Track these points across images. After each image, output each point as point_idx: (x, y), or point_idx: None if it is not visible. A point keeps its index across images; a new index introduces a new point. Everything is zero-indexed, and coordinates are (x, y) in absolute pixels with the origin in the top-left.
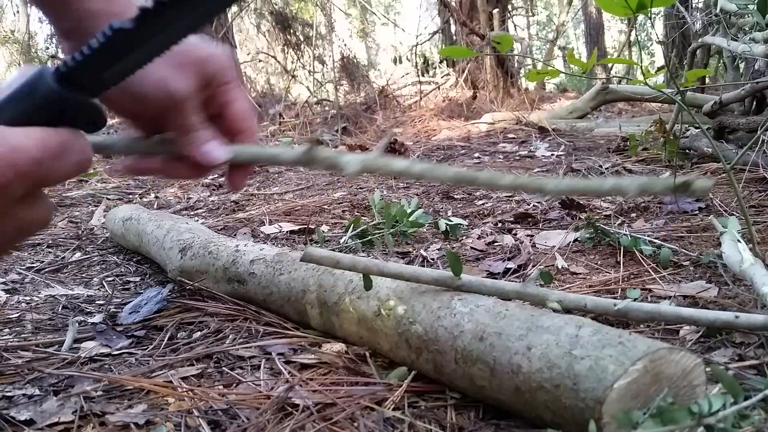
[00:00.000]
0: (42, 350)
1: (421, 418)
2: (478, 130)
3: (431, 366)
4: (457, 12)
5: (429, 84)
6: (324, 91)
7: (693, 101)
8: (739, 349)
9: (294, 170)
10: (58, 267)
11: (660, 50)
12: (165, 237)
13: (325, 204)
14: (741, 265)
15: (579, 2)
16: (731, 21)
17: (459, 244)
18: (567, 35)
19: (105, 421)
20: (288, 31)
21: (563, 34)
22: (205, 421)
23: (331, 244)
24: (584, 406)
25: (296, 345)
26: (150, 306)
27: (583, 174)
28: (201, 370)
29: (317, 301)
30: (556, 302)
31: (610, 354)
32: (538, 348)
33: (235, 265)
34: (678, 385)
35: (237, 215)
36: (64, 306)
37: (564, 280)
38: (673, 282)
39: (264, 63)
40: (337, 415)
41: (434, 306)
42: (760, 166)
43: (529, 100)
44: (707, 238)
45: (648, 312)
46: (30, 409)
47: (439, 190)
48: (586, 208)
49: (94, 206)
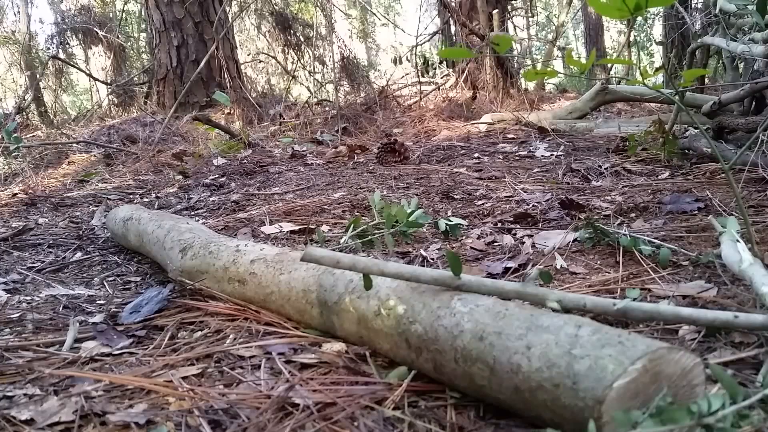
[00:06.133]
0: (43, 350)
1: (421, 418)
2: (478, 131)
3: (431, 365)
4: (456, 13)
5: (429, 84)
6: (324, 92)
7: (692, 101)
8: (739, 349)
9: (294, 170)
10: (58, 267)
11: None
12: (166, 237)
13: (326, 204)
14: (740, 264)
15: (578, 3)
16: (730, 21)
17: (459, 244)
18: (566, 36)
19: (106, 421)
20: (288, 32)
21: (563, 34)
22: (206, 420)
23: (331, 244)
24: (584, 406)
25: (296, 345)
26: (151, 306)
27: (582, 174)
28: (201, 370)
29: (317, 301)
30: (555, 302)
31: (609, 353)
32: (537, 347)
33: (236, 264)
34: (677, 385)
35: (237, 215)
36: (64, 306)
37: (563, 279)
38: (672, 282)
39: (264, 63)
40: (337, 415)
41: (434, 305)
42: (759, 166)
43: (529, 101)
44: (706, 238)
45: (647, 312)
46: (31, 409)
47: (439, 190)
48: (586, 208)
49: (95, 206)
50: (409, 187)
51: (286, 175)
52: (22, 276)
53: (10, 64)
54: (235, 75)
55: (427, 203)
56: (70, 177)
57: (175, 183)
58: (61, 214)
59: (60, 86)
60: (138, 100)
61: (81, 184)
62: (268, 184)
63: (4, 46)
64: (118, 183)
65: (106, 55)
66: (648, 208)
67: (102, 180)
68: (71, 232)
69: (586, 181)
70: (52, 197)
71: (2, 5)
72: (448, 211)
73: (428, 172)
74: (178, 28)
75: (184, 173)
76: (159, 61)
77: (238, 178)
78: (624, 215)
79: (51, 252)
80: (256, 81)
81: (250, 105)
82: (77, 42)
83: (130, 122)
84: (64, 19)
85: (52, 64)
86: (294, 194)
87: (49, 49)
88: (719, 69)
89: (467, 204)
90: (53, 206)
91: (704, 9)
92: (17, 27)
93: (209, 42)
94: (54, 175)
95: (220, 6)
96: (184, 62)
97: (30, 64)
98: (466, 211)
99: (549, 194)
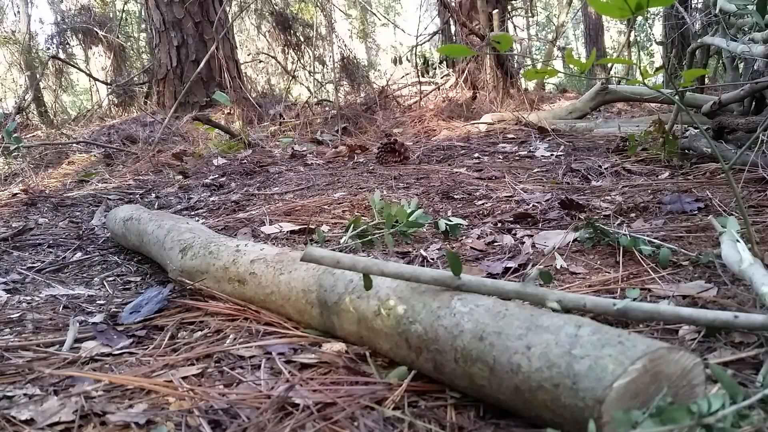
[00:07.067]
0: (43, 350)
1: (421, 418)
2: (478, 131)
3: (431, 365)
4: (456, 13)
5: (429, 84)
6: (324, 92)
7: (692, 101)
8: (739, 349)
9: (294, 170)
10: (58, 267)
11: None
12: (166, 237)
13: (325, 204)
14: (740, 264)
15: (578, 3)
16: (730, 21)
17: (459, 244)
18: (566, 36)
19: (106, 421)
20: (288, 32)
21: (563, 34)
22: (206, 420)
23: (331, 244)
24: (584, 406)
25: (296, 345)
26: (151, 306)
27: (582, 174)
28: (201, 370)
29: (317, 301)
30: (555, 302)
31: (609, 353)
32: (537, 347)
33: (236, 264)
34: (677, 385)
35: (237, 215)
36: (64, 306)
37: (563, 279)
38: (672, 282)
39: (264, 63)
40: (337, 415)
41: (434, 305)
42: (759, 166)
43: (529, 101)
44: (706, 238)
45: (647, 312)
46: (31, 409)
47: (439, 190)
48: (586, 208)
49: (95, 206)
50: (409, 187)
51: (286, 175)
52: (22, 276)
53: (10, 64)
54: (235, 75)
55: (427, 203)
56: (70, 177)
57: (175, 183)
58: (61, 214)
59: (60, 86)
60: (138, 100)
61: (81, 184)
62: (268, 184)
63: (4, 46)
64: (118, 183)
65: (106, 55)
66: (648, 208)
67: (102, 180)
68: (71, 232)
69: (586, 181)
70: (52, 197)
71: (2, 5)
72: (448, 211)
73: (428, 172)
74: (178, 28)
75: (184, 173)
76: (159, 61)
77: (238, 178)
78: (624, 215)
79: (51, 252)
80: (256, 81)
81: (250, 105)
82: (77, 42)
83: (130, 122)
84: (64, 19)
85: (52, 64)
86: (294, 194)
87: (49, 49)
88: (719, 69)
89: (467, 204)
90: (53, 206)
91: (704, 9)
92: (17, 27)
93: (209, 42)
94: (54, 175)
95: (220, 6)
96: (184, 62)
97: (30, 64)
98: (466, 211)
99: (549, 194)
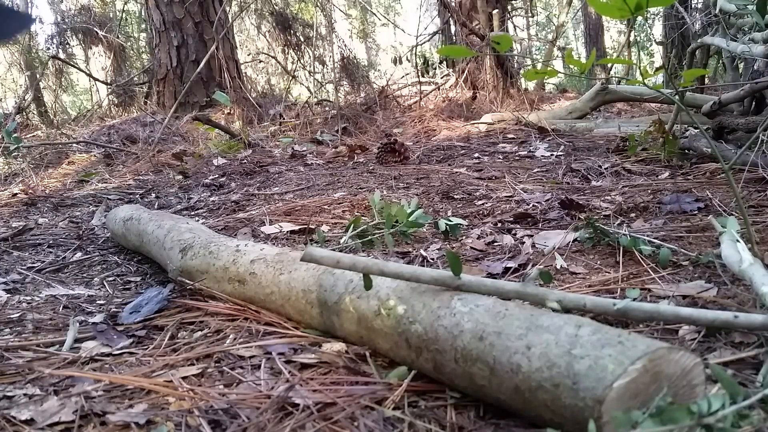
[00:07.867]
0: (43, 350)
1: (421, 418)
2: (478, 131)
3: (431, 365)
4: (456, 13)
5: (429, 84)
6: (324, 92)
7: (692, 101)
8: (739, 349)
9: (294, 170)
10: (58, 267)
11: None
12: (166, 237)
13: (325, 204)
14: (740, 264)
15: (578, 3)
16: (730, 21)
17: (459, 244)
18: (566, 36)
19: (105, 421)
20: (288, 32)
21: (563, 34)
22: (206, 420)
23: (331, 244)
24: (584, 406)
25: (296, 345)
26: (151, 306)
27: (582, 174)
28: (201, 370)
29: (317, 301)
30: (555, 302)
31: (609, 353)
32: (537, 347)
33: (236, 264)
34: (677, 385)
35: (237, 215)
36: (64, 306)
37: (563, 279)
38: (672, 282)
39: (264, 63)
40: (337, 415)
41: (434, 305)
42: (759, 166)
43: (529, 101)
44: (706, 238)
45: (647, 312)
46: (31, 409)
47: (439, 190)
48: (586, 208)
49: (95, 206)
50: (409, 187)
51: (286, 175)
52: (22, 276)
53: (10, 64)
54: (235, 75)
55: (427, 203)
56: (70, 177)
57: (175, 183)
58: (61, 214)
59: (60, 86)
60: (138, 100)
61: (81, 184)
62: (268, 184)
63: (4, 46)
64: (118, 183)
65: (106, 55)
66: (648, 208)
67: (102, 180)
68: (71, 232)
69: (586, 181)
70: (52, 197)
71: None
72: (448, 211)
73: (428, 172)
74: (178, 28)
75: (184, 173)
76: (159, 61)
77: (238, 178)
78: (624, 215)
79: (51, 252)
80: (256, 81)
81: (250, 105)
82: (77, 42)
83: (130, 122)
84: (64, 19)
85: (52, 64)
86: (294, 194)
87: (49, 49)
88: (719, 69)
89: (467, 204)
90: (53, 206)
91: (704, 9)
92: None
93: (209, 42)
94: (54, 175)
95: (220, 6)
96: (184, 62)
97: (30, 64)
98: (466, 211)
99: (549, 194)
